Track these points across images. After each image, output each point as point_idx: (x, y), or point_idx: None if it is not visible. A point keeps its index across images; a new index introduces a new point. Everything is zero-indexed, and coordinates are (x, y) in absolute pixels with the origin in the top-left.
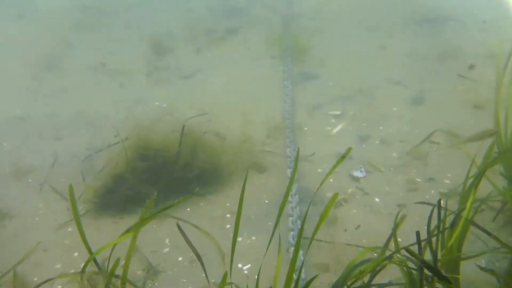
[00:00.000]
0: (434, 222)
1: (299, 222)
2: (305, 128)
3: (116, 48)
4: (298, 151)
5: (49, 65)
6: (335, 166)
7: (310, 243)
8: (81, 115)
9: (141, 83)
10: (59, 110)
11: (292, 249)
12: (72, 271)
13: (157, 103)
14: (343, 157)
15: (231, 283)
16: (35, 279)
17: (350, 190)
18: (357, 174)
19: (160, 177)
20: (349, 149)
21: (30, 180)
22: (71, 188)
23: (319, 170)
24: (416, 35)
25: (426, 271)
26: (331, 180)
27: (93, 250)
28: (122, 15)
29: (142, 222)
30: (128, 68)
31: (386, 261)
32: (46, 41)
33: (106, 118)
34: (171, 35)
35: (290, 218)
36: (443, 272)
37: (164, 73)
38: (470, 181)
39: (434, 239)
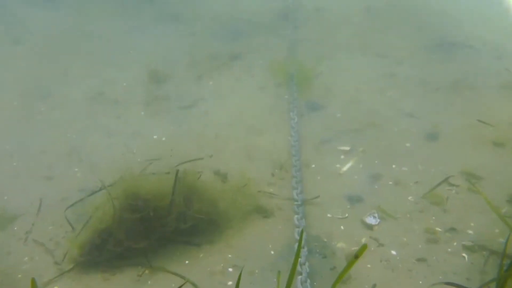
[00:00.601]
0: None
1: (309, 282)
2: (313, 166)
3: (114, 75)
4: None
5: (44, 94)
6: (349, 267)
7: None
8: (74, 151)
9: (139, 114)
10: (51, 145)
11: None
12: None
13: (155, 137)
14: (356, 256)
15: None
16: None
17: (363, 240)
18: (370, 221)
19: (151, 231)
20: (364, 247)
21: (15, 228)
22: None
23: (329, 215)
24: (427, 62)
25: None
26: (342, 227)
27: None
28: (122, 40)
29: None
30: (126, 97)
31: None
32: (42, 68)
33: (101, 154)
34: (172, 60)
35: (299, 277)
36: None
37: (164, 103)
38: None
39: None
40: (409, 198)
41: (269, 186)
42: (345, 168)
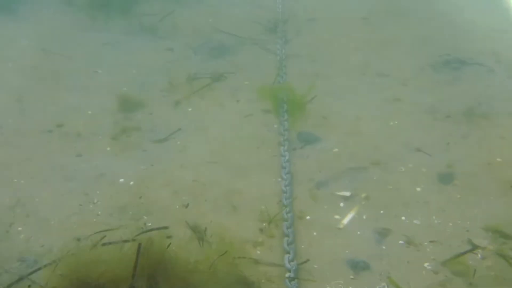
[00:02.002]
0: None
1: None
2: (308, 217)
3: (77, 102)
4: None
5: None
6: None
7: None
8: (20, 202)
9: (105, 151)
10: None
11: None
12: None
13: (122, 180)
14: None
15: None
16: None
17: None
18: None
19: None
20: None
21: None
22: None
23: None
24: (435, 83)
25: None
26: None
27: None
28: (88, 58)
29: None
30: (90, 129)
31: None
32: None
33: (53, 206)
34: (146, 82)
35: None
36: None
37: (134, 136)
38: None
39: None
40: (426, 265)
41: (256, 247)
42: (345, 221)
